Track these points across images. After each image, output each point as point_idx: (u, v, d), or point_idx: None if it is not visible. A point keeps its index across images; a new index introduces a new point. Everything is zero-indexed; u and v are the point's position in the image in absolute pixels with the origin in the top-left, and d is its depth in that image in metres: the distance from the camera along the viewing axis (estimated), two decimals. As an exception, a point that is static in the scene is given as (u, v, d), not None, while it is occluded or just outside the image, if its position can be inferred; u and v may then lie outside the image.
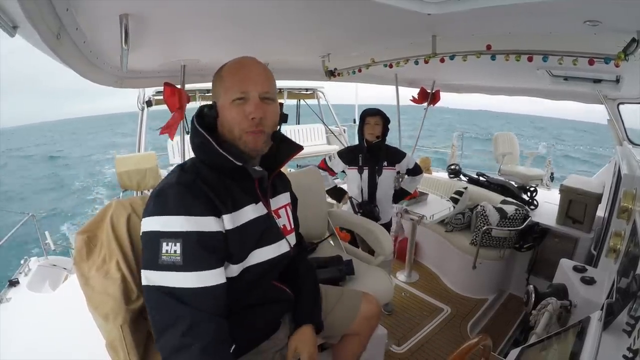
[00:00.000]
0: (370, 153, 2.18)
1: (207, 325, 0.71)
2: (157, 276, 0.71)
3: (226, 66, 0.85)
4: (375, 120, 2.13)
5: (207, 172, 0.80)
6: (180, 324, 0.68)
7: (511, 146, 4.51)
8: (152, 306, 0.72)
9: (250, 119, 0.80)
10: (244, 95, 0.80)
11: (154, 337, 0.72)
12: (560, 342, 0.88)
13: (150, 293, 0.72)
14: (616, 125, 2.52)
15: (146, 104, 3.77)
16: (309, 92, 5.18)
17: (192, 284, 0.71)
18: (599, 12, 1.00)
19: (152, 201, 0.76)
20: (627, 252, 0.99)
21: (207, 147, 0.80)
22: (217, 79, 0.85)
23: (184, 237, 0.71)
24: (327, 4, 1.02)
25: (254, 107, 0.80)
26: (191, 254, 0.71)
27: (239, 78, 0.82)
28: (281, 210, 0.97)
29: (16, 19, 0.68)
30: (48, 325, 1.54)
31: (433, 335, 2.20)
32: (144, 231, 0.75)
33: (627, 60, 1.14)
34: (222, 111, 0.82)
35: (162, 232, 0.71)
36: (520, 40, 1.35)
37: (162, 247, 0.71)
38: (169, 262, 0.70)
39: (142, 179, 2.89)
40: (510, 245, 2.52)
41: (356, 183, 2.23)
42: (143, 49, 1.34)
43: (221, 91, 0.83)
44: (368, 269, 1.73)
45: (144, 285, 0.73)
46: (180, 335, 0.68)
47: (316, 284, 1.07)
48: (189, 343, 0.68)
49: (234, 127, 0.81)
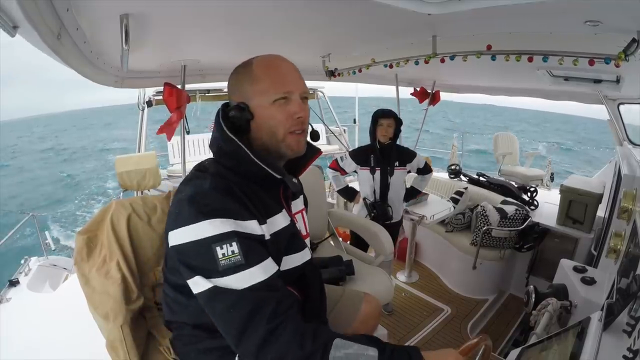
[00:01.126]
0: (382, 154, 2.20)
1: (287, 301, 0.69)
2: (225, 281, 0.67)
3: (257, 64, 0.79)
4: (388, 123, 2.16)
5: (235, 178, 0.76)
6: (264, 312, 0.66)
7: (511, 146, 4.52)
8: (228, 306, 0.67)
9: (296, 118, 0.77)
10: (287, 95, 0.77)
11: (233, 342, 0.68)
12: (560, 342, 0.88)
13: (221, 296, 0.68)
14: (616, 125, 2.52)
15: (146, 104, 3.77)
16: (309, 92, 5.18)
17: (261, 276, 0.69)
18: (599, 12, 1.00)
19: (187, 209, 0.70)
20: (628, 253, 0.99)
21: (240, 154, 0.75)
22: (246, 77, 0.79)
23: (238, 236, 0.68)
24: (328, 4, 1.02)
25: (299, 107, 0.78)
26: (249, 249, 0.69)
27: (280, 77, 0.78)
28: (298, 215, 0.96)
29: (16, 19, 0.68)
30: (48, 325, 1.54)
31: (433, 336, 2.20)
32: (186, 241, 0.69)
33: (628, 60, 1.14)
34: (261, 112, 0.77)
35: (212, 236, 0.67)
36: (520, 41, 1.35)
37: (217, 252, 0.67)
38: (230, 265, 0.67)
39: (142, 179, 2.88)
40: (511, 245, 2.51)
41: (368, 183, 2.25)
42: (143, 49, 1.34)
43: (255, 91, 0.77)
44: (368, 269, 1.73)
45: (206, 290, 0.68)
46: (267, 320, 0.65)
47: (321, 283, 1.08)
48: (277, 323, 0.65)
49: (278, 128, 0.77)
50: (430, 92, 3.12)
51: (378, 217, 2.22)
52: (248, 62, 0.81)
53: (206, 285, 0.68)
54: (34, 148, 31.16)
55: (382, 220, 2.21)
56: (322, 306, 1.03)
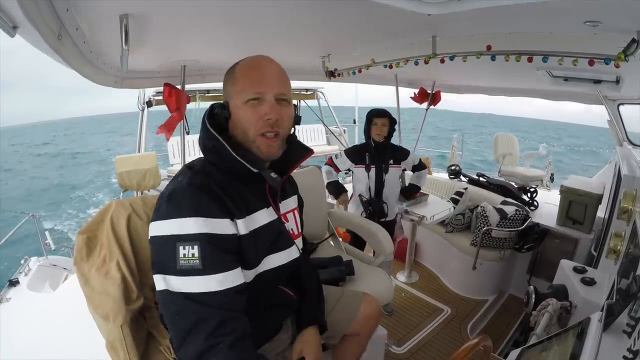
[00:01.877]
0: (377, 152, 2.24)
1: (233, 323, 0.69)
2: (178, 282, 0.69)
3: (240, 65, 0.82)
4: (383, 122, 2.19)
5: (218, 175, 0.78)
6: (205, 326, 0.66)
7: (511, 147, 4.52)
8: (175, 311, 0.69)
9: (265, 119, 0.78)
10: (259, 96, 0.78)
11: (174, 345, 0.69)
12: (560, 343, 0.88)
13: (170, 298, 0.69)
14: (616, 126, 2.52)
15: (146, 104, 3.77)
16: (309, 92, 5.19)
17: (214, 287, 0.69)
18: (599, 12, 1.00)
19: (164, 204, 0.73)
20: (628, 253, 0.99)
21: (221, 151, 0.77)
22: (229, 78, 0.82)
23: (200, 240, 0.69)
24: (328, 4, 1.03)
25: (270, 108, 0.78)
26: (210, 256, 0.69)
27: (254, 78, 0.79)
28: (289, 215, 0.96)
29: (16, 19, 0.68)
30: (48, 325, 1.54)
31: (433, 336, 2.20)
32: (156, 235, 0.72)
33: (627, 60, 1.14)
34: (235, 112, 0.79)
35: (177, 235, 0.69)
36: (520, 41, 1.35)
37: (179, 251, 0.68)
38: (187, 267, 0.68)
39: (142, 179, 2.89)
40: (511, 246, 2.51)
41: (364, 181, 2.27)
42: (143, 49, 1.34)
43: (233, 91, 0.80)
44: (368, 269, 1.73)
45: (162, 289, 0.70)
46: (206, 337, 0.66)
47: (319, 285, 1.07)
48: (216, 342, 0.66)
49: (249, 128, 0.78)
50: (430, 93, 3.12)
51: (374, 214, 2.24)
52: (235, 63, 0.83)
53: (162, 284, 0.70)
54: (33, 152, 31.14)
55: (378, 217, 2.23)
56: (319, 308, 1.03)
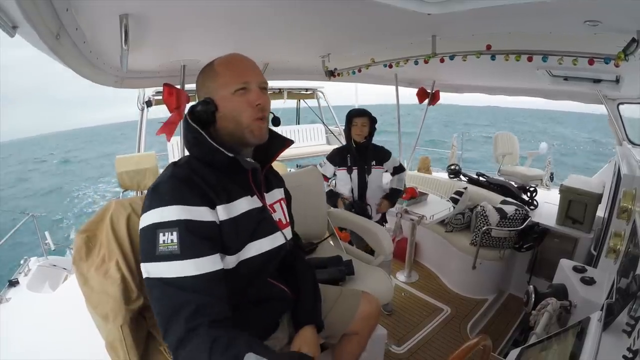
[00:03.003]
0: (359, 153, 2.21)
1: (212, 307, 0.71)
2: (156, 268, 0.71)
3: (218, 62, 0.87)
4: (362, 121, 2.16)
5: (201, 168, 0.82)
6: (184, 310, 0.68)
7: (511, 146, 4.51)
8: (155, 297, 0.72)
9: (255, 106, 0.83)
10: (246, 86, 0.83)
11: (162, 332, 0.71)
12: (560, 342, 0.88)
13: (152, 285, 0.72)
14: (616, 125, 2.52)
15: (146, 104, 3.77)
16: (309, 92, 5.18)
17: (191, 271, 0.71)
18: (599, 12, 1.00)
19: (149, 197, 0.77)
20: (627, 253, 0.99)
21: (200, 140, 0.82)
22: (208, 75, 0.87)
23: (179, 226, 0.72)
24: (327, 4, 1.02)
25: (257, 95, 0.84)
26: (187, 241, 0.72)
27: (238, 70, 0.85)
28: (276, 205, 0.99)
29: (16, 19, 0.68)
30: (48, 325, 1.54)
31: (433, 336, 2.20)
32: (141, 227, 0.76)
33: (627, 60, 1.14)
34: (223, 103, 0.84)
35: (158, 223, 0.73)
36: (520, 40, 1.35)
37: (159, 237, 0.72)
38: (166, 252, 0.71)
39: (142, 179, 2.89)
40: (510, 245, 2.51)
41: (347, 183, 2.25)
42: (143, 49, 1.34)
43: (218, 85, 0.84)
44: (368, 269, 1.73)
45: (145, 278, 0.73)
46: (185, 320, 0.68)
47: (315, 283, 1.07)
48: (195, 325, 0.68)
49: (241, 116, 0.83)
50: (430, 92, 3.12)
51: None
52: (210, 63, 0.89)
53: (145, 273, 0.73)
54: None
55: None
56: (316, 306, 1.02)
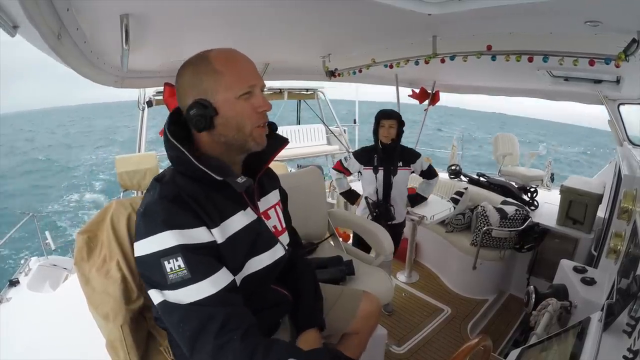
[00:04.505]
0: (385, 154, 2.21)
1: (238, 317, 0.70)
2: (173, 295, 0.69)
3: (216, 59, 0.76)
4: (390, 123, 2.16)
5: (187, 184, 0.75)
6: (212, 326, 0.66)
7: (511, 147, 4.52)
8: (178, 320, 0.69)
9: (260, 112, 0.77)
10: (251, 90, 0.76)
11: (187, 354, 0.68)
12: (560, 342, 0.88)
13: (171, 309, 0.69)
14: (616, 125, 2.51)
15: (147, 104, 3.77)
16: (309, 92, 5.19)
17: (210, 290, 0.69)
18: (600, 12, 1.00)
19: (141, 223, 0.72)
20: (628, 253, 0.99)
21: (184, 160, 0.74)
22: (206, 73, 0.75)
23: (182, 250, 0.69)
24: (328, 4, 1.03)
25: (262, 101, 0.78)
26: (195, 263, 0.69)
27: (243, 71, 0.77)
28: (270, 211, 0.94)
29: (17, 19, 0.68)
30: (48, 325, 1.54)
31: (433, 336, 2.20)
32: (140, 255, 0.71)
33: (628, 60, 1.14)
34: (227, 108, 0.75)
35: (159, 251, 0.69)
36: (520, 41, 1.35)
37: (166, 266, 0.68)
38: (178, 279, 0.68)
39: (142, 179, 2.89)
40: (511, 245, 2.51)
41: (371, 183, 2.25)
42: (143, 49, 1.34)
43: (219, 86, 0.74)
44: (368, 269, 1.73)
45: (160, 302, 0.70)
46: (215, 336, 0.66)
47: (316, 282, 1.06)
48: (227, 339, 0.66)
49: (245, 122, 0.76)
50: (430, 93, 3.12)
51: (380, 216, 2.23)
52: (202, 56, 0.77)
53: (160, 298, 0.70)
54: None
55: (384, 219, 2.21)
56: (317, 307, 1.02)
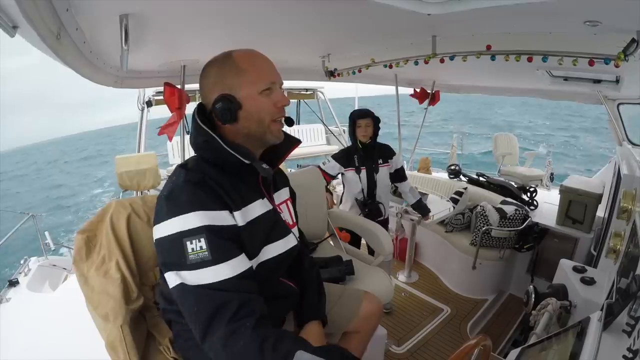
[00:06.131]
0: (365, 153, 2.23)
1: (252, 304, 0.70)
2: (191, 276, 0.70)
3: (239, 57, 0.83)
4: (366, 122, 2.18)
5: (212, 170, 0.79)
6: (225, 311, 0.67)
7: (511, 147, 4.52)
8: (193, 303, 0.70)
9: (279, 106, 0.83)
10: (272, 86, 0.83)
11: (199, 335, 0.69)
12: (560, 342, 0.88)
13: (187, 291, 0.70)
14: (616, 125, 2.52)
15: (146, 104, 3.77)
16: (309, 92, 5.19)
17: (227, 274, 0.70)
18: (599, 12, 1.00)
19: (164, 204, 0.74)
20: (627, 253, 0.99)
21: (213, 145, 0.79)
22: (230, 70, 0.82)
23: (206, 232, 0.70)
24: (327, 4, 1.03)
25: (282, 96, 0.84)
26: (217, 246, 0.71)
27: (264, 69, 0.83)
28: (282, 205, 0.98)
29: (16, 19, 0.68)
30: (48, 325, 1.54)
31: (433, 336, 2.20)
32: (161, 236, 0.73)
33: (627, 60, 1.14)
34: (250, 102, 0.81)
35: (182, 231, 0.70)
36: (520, 41, 1.35)
37: (187, 246, 0.70)
38: (198, 260, 0.69)
39: (142, 179, 2.89)
40: (510, 245, 2.51)
41: (356, 183, 2.26)
42: (143, 49, 1.34)
43: (243, 82, 0.81)
44: (368, 269, 1.73)
45: (176, 285, 0.71)
46: (228, 322, 0.67)
47: (319, 280, 1.08)
48: (239, 325, 0.67)
49: (265, 116, 0.82)
50: (430, 92, 3.12)
51: (371, 214, 2.23)
52: (227, 56, 0.85)
53: (177, 280, 0.71)
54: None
55: (376, 217, 2.22)
56: (320, 303, 1.03)
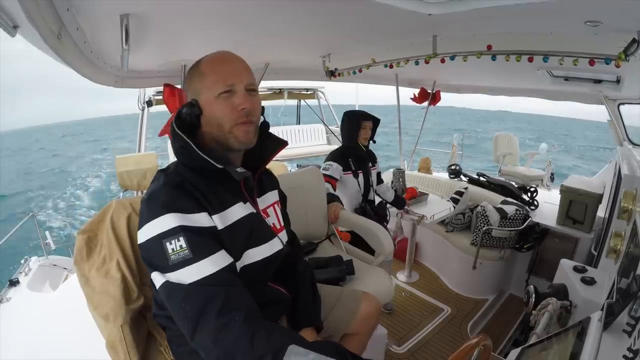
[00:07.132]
0: (359, 156, 2.23)
1: (239, 297, 0.70)
2: (174, 276, 0.70)
3: (204, 62, 0.83)
4: (370, 125, 2.20)
5: (190, 175, 0.79)
6: (213, 306, 0.67)
7: (511, 147, 4.52)
8: (180, 301, 0.69)
9: (239, 110, 0.80)
10: (231, 88, 0.80)
11: (189, 334, 0.69)
12: (560, 342, 0.88)
13: (173, 289, 0.70)
14: (616, 125, 2.52)
15: (146, 104, 3.77)
16: (309, 92, 5.18)
17: (210, 269, 0.70)
18: (600, 12, 1.00)
19: (144, 209, 0.75)
20: (628, 253, 0.99)
21: (188, 150, 0.78)
22: (195, 75, 0.83)
23: (183, 231, 0.70)
24: (328, 4, 1.03)
25: (242, 99, 0.80)
26: (196, 243, 0.71)
27: (223, 72, 0.81)
28: (269, 209, 0.97)
29: (17, 19, 0.68)
30: (48, 325, 1.55)
31: (433, 336, 2.20)
32: (144, 240, 0.73)
33: (628, 60, 1.14)
34: (208, 107, 0.80)
35: (161, 233, 0.70)
36: (520, 41, 1.35)
37: (167, 247, 0.70)
38: (179, 259, 0.69)
39: (142, 179, 2.89)
40: (511, 245, 2.51)
41: (354, 187, 2.25)
42: (143, 49, 1.34)
43: (203, 87, 0.81)
44: (368, 269, 1.73)
45: (162, 284, 0.71)
46: (216, 316, 0.66)
47: (314, 283, 1.07)
48: (228, 319, 0.66)
49: (224, 121, 0.80)
50: (430, 92, 3.12)
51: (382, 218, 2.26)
52: (197, 61, 0.84)
53: (161, 280, 0.71)
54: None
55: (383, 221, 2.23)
56: (314, 307, 1.02)
